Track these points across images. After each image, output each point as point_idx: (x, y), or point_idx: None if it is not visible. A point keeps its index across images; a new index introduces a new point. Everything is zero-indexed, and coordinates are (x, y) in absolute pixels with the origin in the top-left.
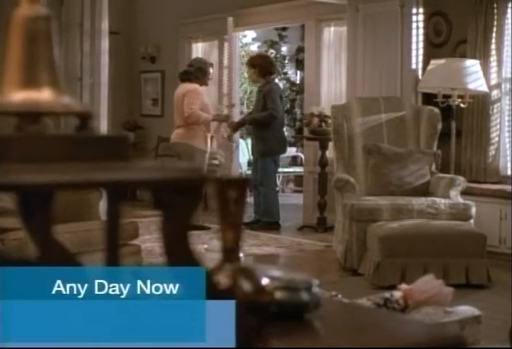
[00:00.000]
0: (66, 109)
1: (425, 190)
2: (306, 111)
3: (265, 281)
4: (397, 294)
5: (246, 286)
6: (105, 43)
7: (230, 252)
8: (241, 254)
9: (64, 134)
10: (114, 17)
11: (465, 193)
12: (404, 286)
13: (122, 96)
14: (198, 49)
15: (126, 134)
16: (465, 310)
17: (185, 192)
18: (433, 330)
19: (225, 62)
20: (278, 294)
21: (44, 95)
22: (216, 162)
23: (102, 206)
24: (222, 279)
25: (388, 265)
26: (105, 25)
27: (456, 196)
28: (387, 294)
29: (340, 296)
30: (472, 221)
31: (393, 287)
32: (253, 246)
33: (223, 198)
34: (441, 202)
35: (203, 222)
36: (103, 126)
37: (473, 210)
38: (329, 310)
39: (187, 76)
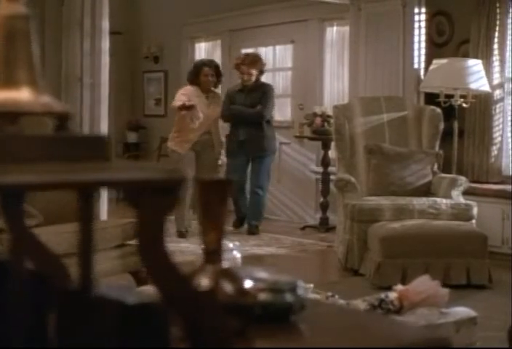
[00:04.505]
0: (45, 109)
1: (426, 191)
2: (309, 111)
3: (248, 283)
4: (392, 295)
5: (228, 287)
6: (105, 43)
7: (212, 254)
8: (239, 255)
9: (42, 134)
10: (117, 16)
11: (467, 193)
12: (399, 287)
13: (125, 96)
14: (202, 49)
15: (105, 134)
16: (461, 311)
17: (161, 193)
18: (419, 332)
19: None
20: (263, 296)
21: (22, 95)
22: (219, 162)
23: (102, 205)
24: (204, 281)
25: (388, 266)
26: (105, 24)
27: (458, 196)
28: (382, 295)
29: (336, 296)
30: (474, 221)
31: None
32: (254, 246)
33: (205, 199)
34: (443, 202)
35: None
36: (103, 126)
37: (475, 210)
38: (315, 312)
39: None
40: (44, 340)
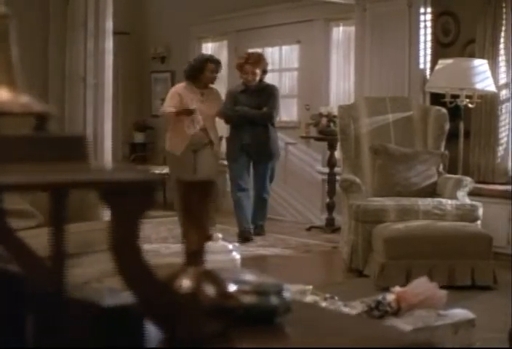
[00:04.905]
0: (24, 109)
1: (432, 191)
2: (315, 111)
3: (231, 285)
4: (390, 297)
5: (210, 290)
6: (109, 44)
7: (194, 255)
8: (238, 256)
9: (20, 134)
10: (124, 17)
11: (473, 193)
12: (397, 288)
13: (132, 96)
14: (208, 49)
15: (84, 135)
16: (459, 313)
17: (136, 194)
18: (404, 336)
19: None
20: (247, 299)
21: (0, 95)
22: (225, 162)
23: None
24: (186, 283)
25: (392, 267)
26: (109, 25)
27: (463, 197)
28: (379, 297)
29: (336, 298)
30: (479, 222)
31: None
32: (260, 247)
33: (187, 199)
34: (448, 203)
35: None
36: (107, 126)
37: (480, 211)
38: (300, 315)
39: (184, 75)
40: (21, 341)
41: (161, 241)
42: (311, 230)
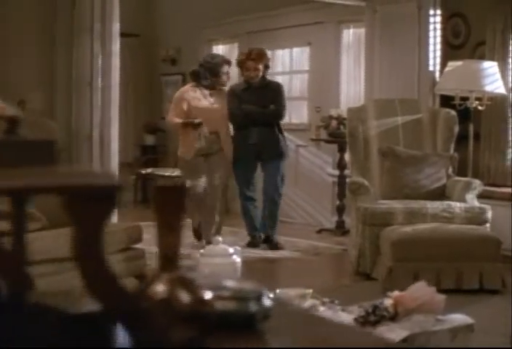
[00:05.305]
0: None
1: (441, 194)
2: (326, 114)
3: (206, 291)
4: (387, 302)
5: (183, 296)
6: (116, 46)
7: (168, 261)
8: (239, 260)
9: None
10: (135, 19)
11: (482, 196)
12: (395, 293)
13: (143, 98)
14: (219, 52)
15: (52, 139)
16: (458, 318)
17: (96, 199)
18: (388, 345)
19: None
20: (226, 305)
21: None
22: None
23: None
24: (159, 289)
25: (400, 270)
26: (116, 27)
27: (472, 200)
28: (377, 302)
29: (336, 302)
30: (488, 225)
31: None
32: (268, 249)
33: (160, 204)
34: (457, 206)
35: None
36: (114, 129)
37: (489, 214)
38: (280, 321)
39: (193, 77)
40: None
41: None
42: (321, 233)
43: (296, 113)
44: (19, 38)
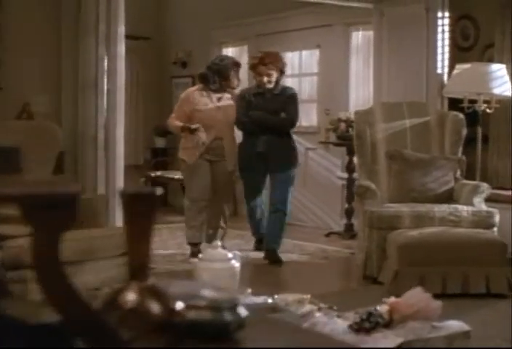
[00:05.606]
0: None
1: (448, 197)
2: (335, 116)
3: (177, 301)
4: (383, 308)
5: (153, 305)
6: (121, 49)
7: (138, 270)
8: (237, 265)
9: None
10: (145, 22)
11: (490, 199)
12: (391, 299)
13: (153, 101)
14: (229, 54)
15: (17, 147)
16: (454, 325)
17: (56, 208)
18: None
19: None
20: (200, 314)
21: None
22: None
23: (118, 211)
24: (129, 298)
25: (406, 274)
26: (121, 30)
27: (479, 203)
28: (371, 308)
29: (334, 307)
30: (495, 229)
31: None
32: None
33: (130, 212)
34: (464, 209)
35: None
36: (119, 131)
37: (497, 218)
38: (255, 331)
39: (201, 80)
40: None
41: (177, 246)
42: (330, 236)
43: (305, 116)
44: (24, 41)
